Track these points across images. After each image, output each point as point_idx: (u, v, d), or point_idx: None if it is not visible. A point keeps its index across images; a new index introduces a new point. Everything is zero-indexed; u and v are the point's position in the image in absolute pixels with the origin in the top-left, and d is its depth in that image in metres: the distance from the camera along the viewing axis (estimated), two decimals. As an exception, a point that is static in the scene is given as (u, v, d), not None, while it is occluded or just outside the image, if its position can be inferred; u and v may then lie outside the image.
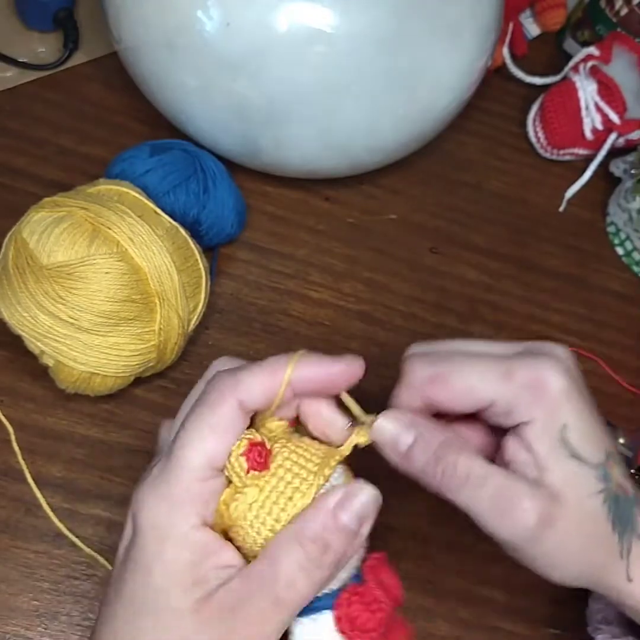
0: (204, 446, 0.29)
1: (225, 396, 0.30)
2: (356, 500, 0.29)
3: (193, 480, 0.29)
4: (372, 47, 0.45)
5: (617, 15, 0.63)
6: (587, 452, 0.31)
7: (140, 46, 0.48)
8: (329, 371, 0.32)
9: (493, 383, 0.32)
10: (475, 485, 0.30)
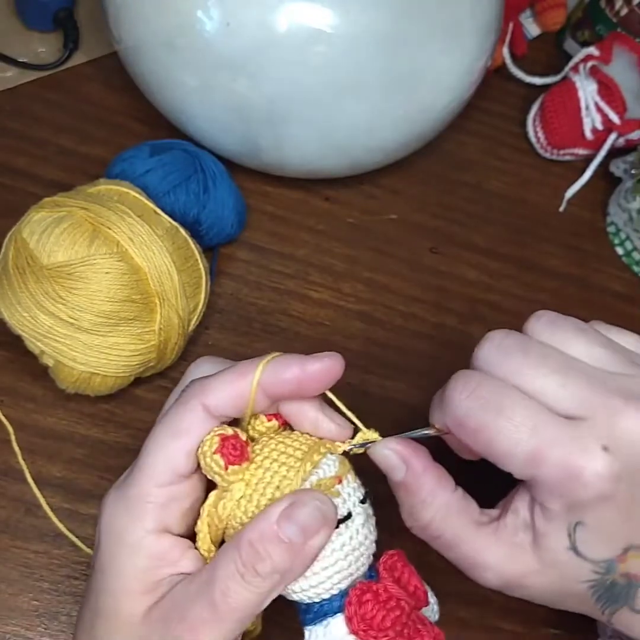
0: (164, 451, 0.29)
1: (190, 401, 0.30)
2: (302, 512, 0.27)
3: (151, 485, 0.29)
4: (372, 47, 0.45)
5: (617, 15, 0.63)
6: (593, 550, 0.29)
7: (140, 46, 0.48)
8: (304, 372, 0.30)
9: (516, 462, 0.28)
10: (445, 546, 0.31)
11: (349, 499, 0.29)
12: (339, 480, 0.29)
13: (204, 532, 0.30)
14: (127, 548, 0.29)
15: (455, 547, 0.31)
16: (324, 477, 0.29)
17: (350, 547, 0.29)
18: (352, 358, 0.51)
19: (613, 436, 0.27)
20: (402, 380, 0.51)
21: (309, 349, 0.51)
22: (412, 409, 0.50)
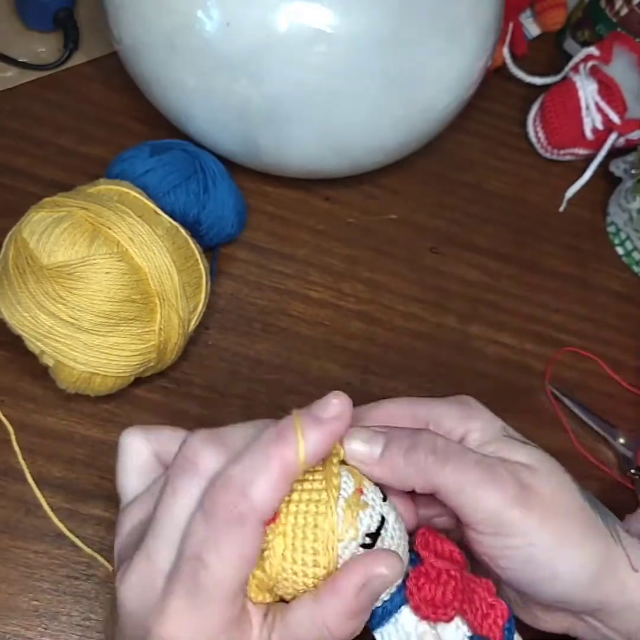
0: (240, 575, 0.26)
1: (247, 522, 0.26)
2: (378, 582, 0.27)
3: (228, 606, 0.26)
4: (372, 47, 0.45)
5: (617, 15, 0.63)
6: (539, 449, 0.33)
7: (140, 46, 0.48)
8: (332, 435, 0.27)
9: (425, 406, 0.34)
10: (459, 457, 0.30)
11: (376, 504, 0.29)
12: (361, 491, 0.29)
13: (254, 590, 0.28)
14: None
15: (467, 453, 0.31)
16: (348, 496, 0.29)
17: (395, 545, 0.29)
18: (352, 358, 0.52)
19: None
20: (402, 380, 0.51)
21: (309, 349, 0.51)
22: (412, 409, 0.50)
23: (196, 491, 0.27)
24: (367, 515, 0.29)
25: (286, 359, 0.50)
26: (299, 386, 0.49)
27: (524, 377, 0.54)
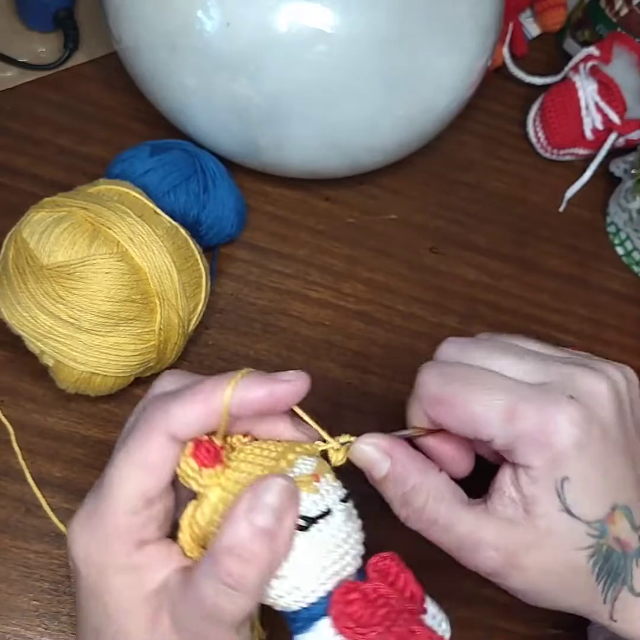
0: (135, 482, 0.29)
1: (154, 430, 0.29)
2: (268, 497, 0.27)
3: (126, 514, 0.29)
4: (372, 47, 0.45)
5: (617, 15, 0.63)
6: (584, 508, 0.30)
7: (140, 46, 0.48)
8: (271, 394, 0.30)
9: (494, 421, 0.30)
10: (442, 530, 0.31)
11: (328, 496, 0.29)
12: (317, 478, 0.29)
13: (188, 542, 0.29)
14: (112, 573, 0.29)
15: (452, 528, 0.31)
16: (300, 474, 0.29)
17: (333, 544, 0.28)
18: (352, 358, 0.52)
19: (575, 390, 0.30)
20: (402, 380, 0.51)
21: (309, 349, 0.51)
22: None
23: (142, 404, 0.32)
24: (310, 499, 0.28)
25: (286, 359, 0.50)
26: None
27: (524, 377, 0.54)
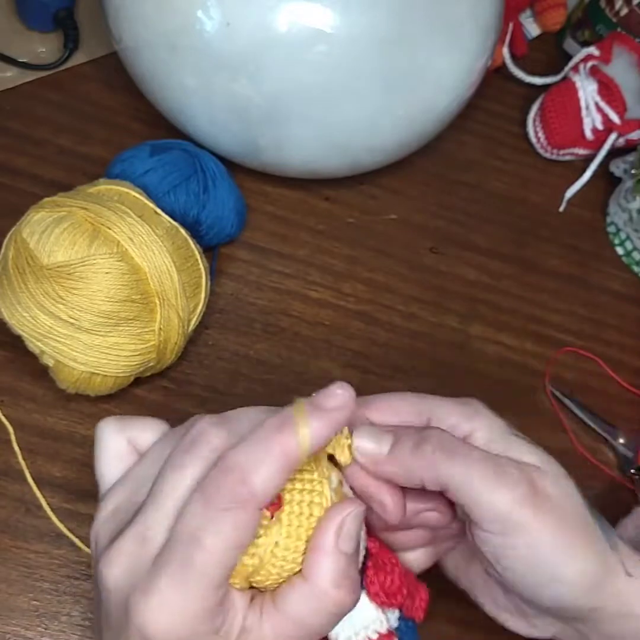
0: (230, 564, 0.26)
1: (246, 509, 0.26)
2: (350, 526, 0.27)
3: (214, 592, 0.26)
4: (372, 47, 0.45)
5: (617, 15, 0.63)
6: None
7: (140, 46, 0.48)
8: (334, 424, 0.28)
9: (429, 403, 0.33)
10: (467, 453, 0.30)
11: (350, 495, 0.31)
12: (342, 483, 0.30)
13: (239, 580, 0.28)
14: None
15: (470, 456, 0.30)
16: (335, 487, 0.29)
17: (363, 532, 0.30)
18: (352, 358, 0.52)
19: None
20: (402, 380, 0.51)
21: (309, 348, 0.51)
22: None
23: (198, 470, 0.26)
24: None
25: (286, 359, 0.50)
26: (299, 386, 0.49)
27: (524, 377, 0.54)
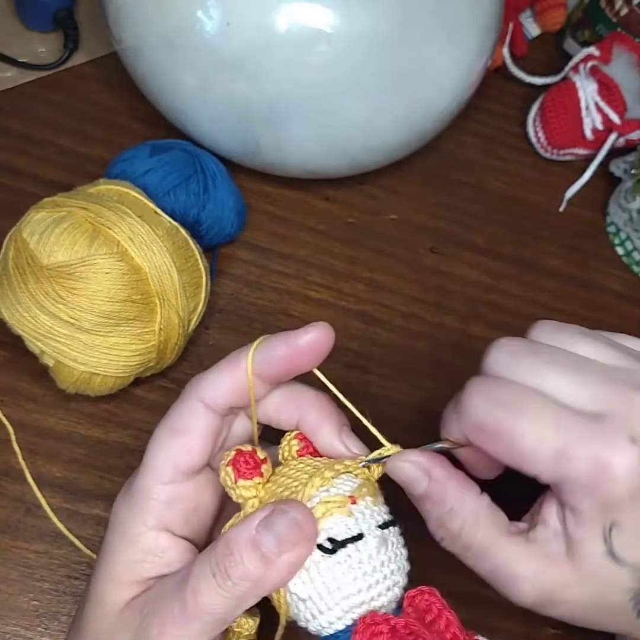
0: (165, 450, 0.30)
1: (187, 398, 0.30)
2: (280, 521, 0.26)
3: (154, 483, 0.29)
4: (372, 47, 0.45)
5: (617, 15, 0.63)
6: (631, 554, 0.28)
7: (140, 46, 0.48)
8: (293, 348, 0.30)
9: (542, 460, 0.28)
10: (476, 557, 0.29)
11: (363, 520, 0.28)
12: (353, 500, 0.28)
13: None
14: (126, 540, 0.30)
15: (488, 556, 0.29)
16: (335, 495, 0.28)
17: (360, 571, 0.27)
18: (352, 358, 0.52)
19: (638, 428, 0.27)
20: (402, 380, 0.51)
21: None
22: (413, 409, 0.50)
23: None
24: (341, 522, 0.28)
25: (286, 359, 0.50)
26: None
27: (524, 377, 0.54)
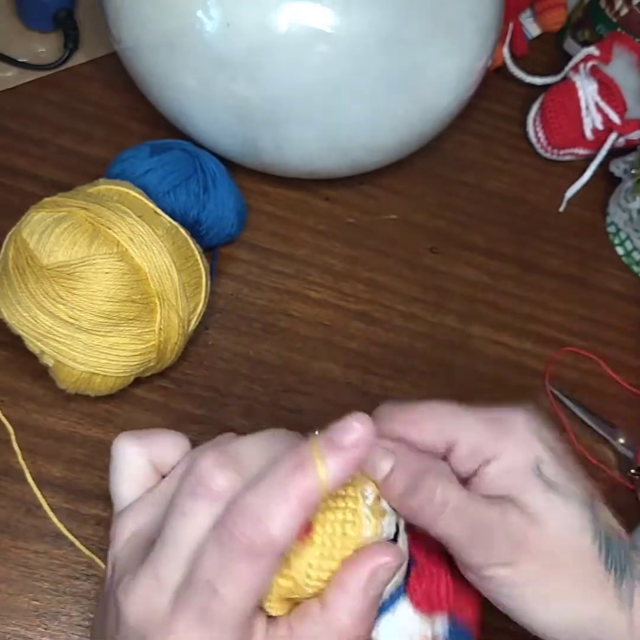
0: (251, 604, 0.25)
1: (256, 550, 0.25)
2: (384, 571, 0.27)
3: (239, 630, 0.25)
4: (373, 47, 0.45)
5: (617, 15, 0.63)
6: (568, 488, 0.30)
7: (140, 46, 0.48)
8: (353, 459, 0.26)
9: (457, 421, 0.31)
10: (453, 515, 0.29)
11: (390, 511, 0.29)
12: (379, 498, 0.29)
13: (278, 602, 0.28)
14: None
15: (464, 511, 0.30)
16: (371, 504, 0.29)
17: (405, 548, 0.30)
18: (352, 358, 0.52)
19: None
20: (402, 380, 0.51)
21: (309, 348, 0.51)
22: (412, 409, 0.50)
23: (210, 515, 0.25)
24: (387, 522, 0.29)
25: (286, 359, 0.50)
26: (299, 386, 0.49)
27: (524, 377, 0.54)
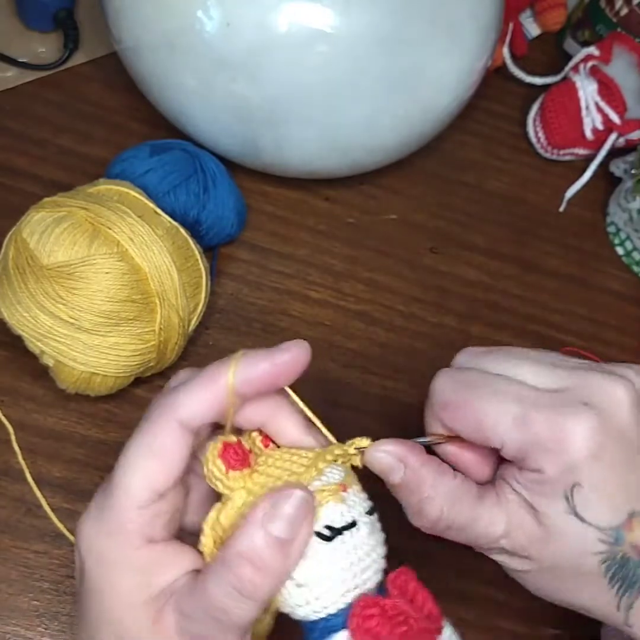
0: (144, 472, 0.29)
1: (162, 417, 0.29)
2: (286, 506, 0.27)
3: (132, 508, 0.28)
4: (373, 47, 0.45)
5: (617, 15, 0.63)
6: (597, 514, 0.29)
7: (140, 46, 0.48)
8: (274, 366, 0.30)
9: (504, 428, 0.29)
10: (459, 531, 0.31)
11: (354, 507, 0.29)
12: (344, 488, 0.29)
13: (209, 546, 0.29)
14: (118, 569, 0.28)
15: (467, 527, 0.31)
16: (327, 484, 0.29)
17: (356, 556, 0.28)
18: (352, 358, 0.52)
19: (591, 397, 0.29)
20: (402, 380, 0.51)
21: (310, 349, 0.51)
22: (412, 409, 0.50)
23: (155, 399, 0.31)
24: (337, 510, 0.28)
25: (286, 359, 0.50)
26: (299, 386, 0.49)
27: (524, 377, 0.54)
